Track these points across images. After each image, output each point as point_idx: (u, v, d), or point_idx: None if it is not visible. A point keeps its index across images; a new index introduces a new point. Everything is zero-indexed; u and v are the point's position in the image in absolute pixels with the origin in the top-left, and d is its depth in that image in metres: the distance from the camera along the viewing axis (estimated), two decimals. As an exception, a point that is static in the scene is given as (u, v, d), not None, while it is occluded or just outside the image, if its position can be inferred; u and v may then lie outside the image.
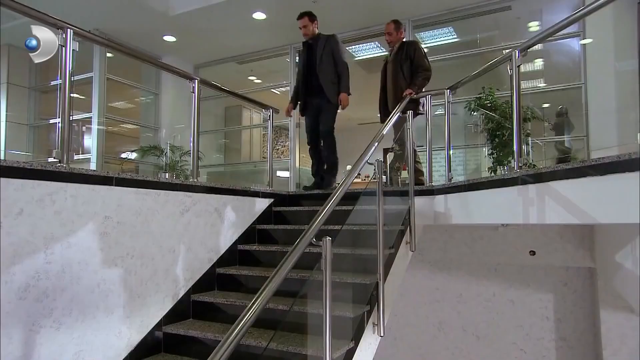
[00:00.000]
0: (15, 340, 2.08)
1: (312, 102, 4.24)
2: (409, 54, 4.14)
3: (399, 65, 4.16)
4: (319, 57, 4.16)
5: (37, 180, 2.16)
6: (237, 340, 1.50)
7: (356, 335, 2.51)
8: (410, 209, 3.36)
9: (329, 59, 4.15)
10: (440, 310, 4.99)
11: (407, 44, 4.24)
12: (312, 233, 2.00)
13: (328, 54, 4.15)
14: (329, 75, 4.13)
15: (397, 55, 4.20)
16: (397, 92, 4.13)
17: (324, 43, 4.19)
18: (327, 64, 4.14)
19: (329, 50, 4.15)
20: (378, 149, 2.90)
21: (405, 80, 4.11)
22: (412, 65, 4.12)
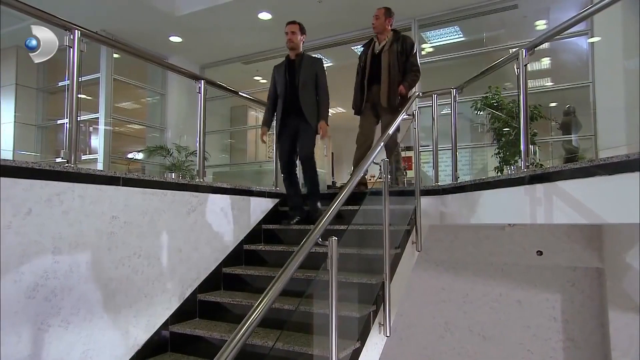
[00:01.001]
0: (24, 338, 2.09)
1: (288, 123, 3.68)
2: (406, 49, 3.89)
3: (395, 57, 3.87)
4: (301, 79, 3.64)
5: (46, 181, 2.17)
6: (244, 340, 1.50)
7: (362, 335, 2.50)
8: (416, 208, 3.34)
9: (312, 83, 3.67)
10: (446, 310, 4.97)
11: (404, 37, 3.97)
12: (318, 233, 2.00)
13: (311, 77, 3.66)
14: (310, 98, 3.66)
15: (393, 46, 3.89)
16: (393, 86, 3.84)
17: (309, 65, 3.69)
18: (309, 88, 3.65)
19: (312, 73, 3.66)
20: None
21: (399, 73, 3.86)
22: (407, 62, 3.88)
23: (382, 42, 3.96)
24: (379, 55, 3.93)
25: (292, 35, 3.70)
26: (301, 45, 3.77)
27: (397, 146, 3.82)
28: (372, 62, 3.97)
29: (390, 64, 3.85)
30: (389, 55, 3.87)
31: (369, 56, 4.01)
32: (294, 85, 3.68)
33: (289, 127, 3.68)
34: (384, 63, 3.87)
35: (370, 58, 4.00)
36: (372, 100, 3.97)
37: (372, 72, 3.96)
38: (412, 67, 3.87)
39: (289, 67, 3.75)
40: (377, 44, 4.00)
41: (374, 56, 3.98)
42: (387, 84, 3.84)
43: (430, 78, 6.05)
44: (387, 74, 3.85)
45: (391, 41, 3.91)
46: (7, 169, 2.02)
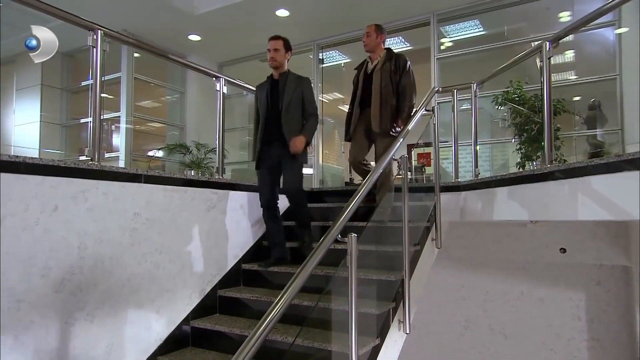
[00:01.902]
0: (52, 331, 2.16)
1: (270, 152, 3.23)
2: (399, 69, 3.50)
3: (389, 77, 3.49)
4: (285, 101, 3.21)
5: (71, 178, 2.23)
6: (264, 336, 1.51)
7: (382, 332, 2.50)
8: (436, 205, 3.31)
9: (298, 106, 3.24)
10: (466, 308, 4.91)
11: (398, 56, 3.56)
12: (337, 230, 2.00)
13: (297, 99, 3.23)
14: (295, 124, 3.21)
15: (385, 65, 3.52)
16: (385, 108, 3.47)
17: (294, 85, 3.25)
18: (295, 112, 3.22)
19: (298, 94, 3.23)
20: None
21: (393, 95, 3.48)
22: (400, 84, 3.48)
23: (375, 62, 3.62)
24: (370, 76, 3.60)
25: (275, 53, 3.25)
26: (286, 64, 3.34)
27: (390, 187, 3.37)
28: (365, 83, 3.64)
29: (382, 84, 3.49)
30: (381, 74, 3.52)
31: (362, 77, 3.69)
32: (276, 108, 3.23)
33: (271, 158, 3.22)
34: (376, 84, 3.52)
35: (362, 79, 3.67)
36: (365, 124, 3.61)
37: (364, 93, 3.62)
38: (404, 93, 3.46)
39: (271, 87, 3.31)
40: (370, 63, 3.67)
41: (366, 77, 3.65)
42: (379, 106, 3.47)
43: (449, 73, 5.98)
44: (379, 95, 3.49)
45: (383, 60, 3.56)
46: (35, 166, 2.08)
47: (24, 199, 2.03)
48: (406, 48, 6.82)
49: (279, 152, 3.19)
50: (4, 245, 1.96)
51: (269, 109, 3.27)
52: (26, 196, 2.04)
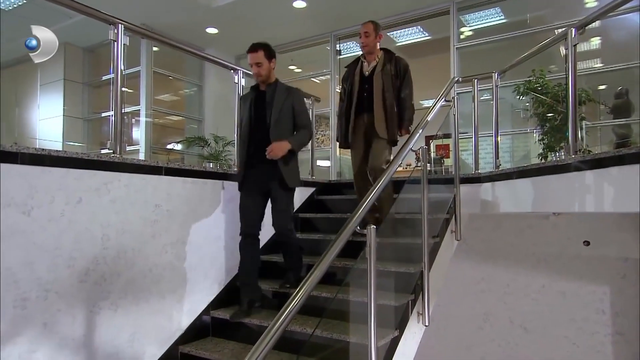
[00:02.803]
0: (78, 320, 2.22)
1: (256, 176, 2.82)
2: (399, 72, 3.29)
3: (390, 81, 3.25)
4: (275, 114, 2.82)
5: (94, 170, 2.27)
6: (284, 326, 1.52)
7: (401, 324, 2.49)
8: (455, 197, 3.27)
9: (289, 119, 2.86)
10: (485, 301, 4.85)
11: (398, 59, 3.33)
12: (356, 221, 2.00)
13: (288, 111, 2.86)
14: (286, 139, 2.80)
15: (386, 68, 3.28)
16: (390, 113, 3.24)
17: (283, 96, 2.86)
18: (285, 126, 2.84)
19: (288, 107, 2.86)
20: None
21: (394, 99, 3.27)
22: (401, 92, 3.28)
23: (373, 63, 3.34)
24: (369, 78, 3.30)
25: (257, 68, 2.83)
26: (273, 73, 2.92)
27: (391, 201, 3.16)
28: (362, 86, 3.34)
29: (385, 89, 3.24)
30: (383, 77, 3.26)
31: (357, 79, 3.36)
32: (263, 123, 2.83)
33: (257, 182, 2.82)
34: (377, 87, 3.25)
35: (358, 81, 3.36)
36: (364, 130, 3.34)
37: (361, 97, 3.33)
38: (406, 100, 3.29)
39: (257, 99, 2.91)
40: (366, 64, 3.37)
41: (363, 79, 3.35)
42: (384, 112, 3.23)
43: (469, 63, 5.86)
44: (382, 100, 3.23)
45: (383, 62, 3.30)
46: (60, 159, 2.13)
47: (49, 191, 2.08)
48: (425, 38, 6.72)
49: (268, 177, 2.79)
50: (33, 236, 2.02)
51: (254, 123, 2.86)
52: (52, 188, 2.09)
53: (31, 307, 2.02)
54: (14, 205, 1.96)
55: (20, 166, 1.96)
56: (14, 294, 1.96)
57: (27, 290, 2.00)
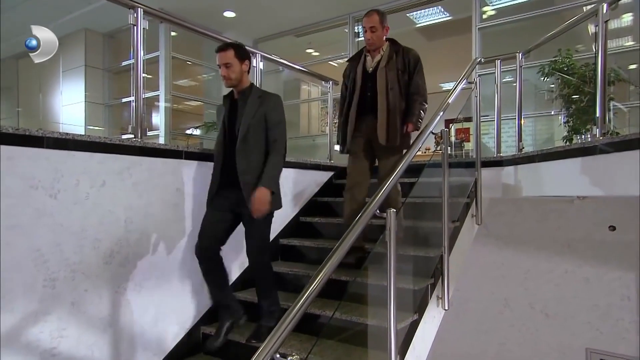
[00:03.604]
0: (104, 300, 2.28)
1: (228, 195, 2.48)
2: (408, 66, 2.87)
3: (395, 76, 2.84)
4: (242, 129, 2.42)
5: (117, 154, 2.31)
6: (305, 308, 1.53)
7: (420, 308, 2.49)
8: (476, 180, 3.22)
9: (259, 134, 2.44)
10: (505, 286, 4.81)
11: (405, 50, 2.92)
12: (375, 205, 1.99)
13: (259, 124, 2.44)
14: (253, 160, 2.41)
15: (392, 62, 2.87)
16: (393, 116, 2.82)
17: (256, 104, 2.46)
18: (254, 143, 2.43)
19: (261, 117, 2.44)
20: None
21: (402, 98, 2.86)
22: (412, 85, 2.87)
23: (377, 57, 2.93)
24: (373, 75, 2.89)
25: (226, 70, 2.46)
26: (246, 77, 2.55)
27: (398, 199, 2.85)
28: (364, 83, 2.92)
29: (389, 86, 2.82)
30: (387, 74, 2.83)
31: (359, 75, 2.94)
32: (233, 138, 2.47)
33: (229, 200, 2.48)
34: (381, 85, 2.83)
35: (361, 78, 2.94)
36: (366, 135, 2.92)
37: (364, 96, 2.90)
38: (416, 92, 2.87)
39: (229, 110, 2.57)
40: (370, 59, 2.95)
41: (366, 75, 2.93)
42: (386, 114, 2.80)
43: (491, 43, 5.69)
44: (386, 100, 2.82)
45: (388, 55, 2.88)
46: (84, 143, 2.17)
47: (74, 174, 2.13)
48: (445, 18, 6.54)
49: (237, 200, 2.42)
50: (60, 218, 2.08)
51: (225, 139, 2.52)
52: (76, 172, 2.13)
53: (60, 286, 2.08)
54: (41, 188, 2.01)
55: (46, 150, 2.00)
56: (44, 274, 2.02)
57: (55, 270, 2.06)
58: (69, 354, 2.13)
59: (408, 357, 2.30)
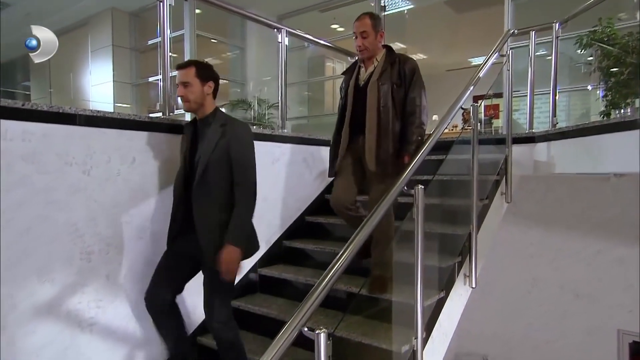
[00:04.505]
0: (138, 274, 2.36)
1: (189, 238, 2.15)
2: (404, 80, 2.44)
3: (389, 91, 2.41)
4: (200, 165, 2.07)
5: (146, 132, 2.34)
6: (332, 284, 1.54)
7: (447, 286, 2.48)
8: (507, 157, 3.13)
9: (221, 171, 2.07)
10: (534, 266, 4.72)
11: (402, 59, 2.50)
12: (403, 182, 1.97)
13: (221, 158, 2.07)
14: (213, 208, 2.07)
15: (386, 74, 2.45)
16: (384, 138, 2.41)
17: (216, 134, 2.09)
18: (215, 181, 2.07)
19: (223, 150, 2.07)
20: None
21: (396, 117, 2.43)
22: (408, 99, 2.43)
23: (370, 68, 2.52)
24: (364, 89, 2.50)
25: (185, 90, 2.12)
26: (210, 101, 2.18)
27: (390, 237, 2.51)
28: (356, 99, 2.54)
29: (381, 103, 2.42)
30: (379, 88, 2.43)
31: (351, 89, 2.58)
32: (192, 172, 2.12)
33: (189, 245, 2.15)
34: (372, 101, 2.44)
35: (352, 93, 2.57)
36: (356, 155, 2.56)
37: (355, 114, 2.53)
38: (412, 113, 2.42)
39: (191, 141, 2.20)
40: (364, 70, 2.56)
41: (357, 90, 2.55)
42: (376, 136, 2.41)
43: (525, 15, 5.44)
44: (376, 118, 2.42)
45: (382, 67, 2.47)
46: (114, 120, 2.21)
47: (106, 151, 2.18)
48: (474, -11, 6.29)
49: (194, 251, 2.12)
50: (93, 194, 2.14)
51: (185, 175, 2.17)
52: (108, 148, 2.18)
53: (95, 260, 2.16)
54: (75, 165, 2.06)
55: (78, 127, 2.05)
56: (80, 247, 2.10)
57: (91, 244, 2.14)
58: (105, 324, 2.23)
59: (434, 334, 2.30)
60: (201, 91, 2.13)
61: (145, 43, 7.34)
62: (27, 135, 1.90)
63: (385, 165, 2.41)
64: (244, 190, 2.08)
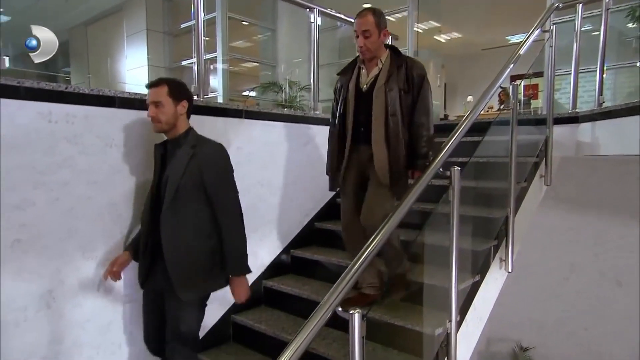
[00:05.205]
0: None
1: (150, 278, 2.00)
2: (412, 86, 2.20)
3: (397, 98, 2.18)
4: (169, 191, 1.91)
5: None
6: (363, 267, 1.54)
7: (482, 269, 2.44)
8: (547, 138, 3.01)
9: (195, 196, 1.93)
10: (573, 251, 4.56)
11: (410, 63, 2.24)
12: (438, 164, 1.93)
13: (191, 184, 1.92)
14: (187, 234, 1.92)
15: (392, 80, 2.19)
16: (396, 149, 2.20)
17: (186, 157, 1.93)
18: (187, 208, 1.92)
19: (194, 175, 1.92)
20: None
21: (404, 126, 2.21)
22: (415, 112, 2.21)
23: (374, 71, 2.27)
24: (368, 94, 2.25)
25: (156, 110, 1.94)
26: (182, 122, 2.01)
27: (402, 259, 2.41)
28: (358, 104, 2.28)
29: (389, 112, 2.18)
30: (387, 94, 2.18)
31: (352, 94, 2.30)
32: (158, 198, 1.96)
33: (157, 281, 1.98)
34: (379, 109, 2.20)
35: (354, 97, 2.30)
36: (358, 167, 2.35)
37: (357, 122, 2.29)
38: (421, 125, 2.20)
39: (162, 159, 2.03)
40: (365, 73, 2.31)
41: (359, 95, 2.29)
42: (386, 149, 2.20)
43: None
44: (384, 129, 2.19)
45: (388, 70, 2.23)
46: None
47: (144, 133, 2.22)
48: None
49: (163, 281, 1.94)
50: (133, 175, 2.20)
51: (152, 200, 1.99)
52: (146, 130, 2.23)
53: (132, 237, 2.24)
54: (114, 147, 2.13)
55: (117, 110, 2.11)
56: (120, 226, 2.18)
57: (129, 223, 2.21)
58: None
59: (468, 317, 2.27)
60: (174, 112, 1.96)
61: (178, 27, 7.42)
62: (70, 118, 1.97)
63: (399, 179, 2.22)
64: (227, 215, 1.96)
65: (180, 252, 1.91)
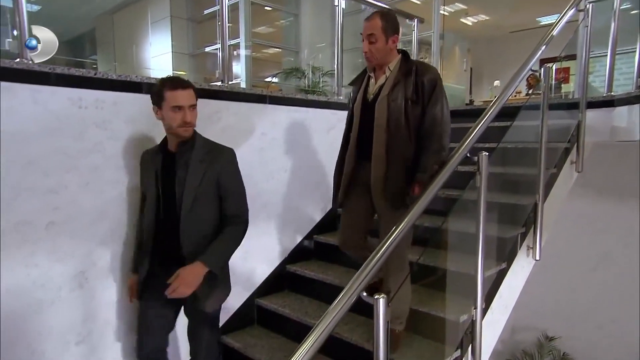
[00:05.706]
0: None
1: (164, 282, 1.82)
2: (422, 94, 1.98)
3: (402, 108, 1.97)
4: (188, 197, 1.85)
5: (206, 99, 2.39)
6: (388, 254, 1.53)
7: (509, 257, 2.40)
8: (580, 123, 2.90)
9: (212, 201, 1.90)
10: (602, 241, 4.43)
11: (420, 69, 2.02)
12: (465, 149, 1.89)
13: (209, 189, 1.88)
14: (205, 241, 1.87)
15: (397, 89, 1.99)
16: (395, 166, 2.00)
17: (203, 163, 1.88)
18: (206, 213, 1.89)
19: (212, 179, 1.88)
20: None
21: (410, 139, 1.99)
22: (424, 119, 1.98)
23: (381, 79, 2.09)
24: (372, 105, 2.07)
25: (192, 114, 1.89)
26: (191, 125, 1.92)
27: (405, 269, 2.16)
28: (363, 116, 2.11)
29: (391, 124, 1.99)
30: (390, 105, 1.99)
31: (358, 105, 2.14)
32: (172, 208, 1.88)
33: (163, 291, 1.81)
34: (380, 121, 2.01)
35: (359, 109, 2.13)
36: (364, 185, 2.12)
37: (362, 135, 2.11)
38: (428, 136, 1.96)
39: (164, 168, 1.92)
40: (373, 81, 2.13)
41: (365, 106, 2.11)
42: (385, 164, 2.01)
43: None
44: (384, 142, 2.01)
45: (395, 78, 2.03)
46: (176, 88, 2.26)
47: (170, 119, 2.25)
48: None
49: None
50: (158, 160, 2.23)
51: (159, 203, 1.91)
52: (171, 116, 2.26)
53: (162, 222, 2.28)
54: (141, 132, 2.16)
55: (144, 95, 2.13)
56: (148, 210, 2.22)
57: (158, 208, 2.26)
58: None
59: (494, 305, 2.25)
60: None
61: (201, 13, 7.43)
62: (99, 103, 2.01)
63: (397, 199, 2.00)
64: (240, 223, 1.95)
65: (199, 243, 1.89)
